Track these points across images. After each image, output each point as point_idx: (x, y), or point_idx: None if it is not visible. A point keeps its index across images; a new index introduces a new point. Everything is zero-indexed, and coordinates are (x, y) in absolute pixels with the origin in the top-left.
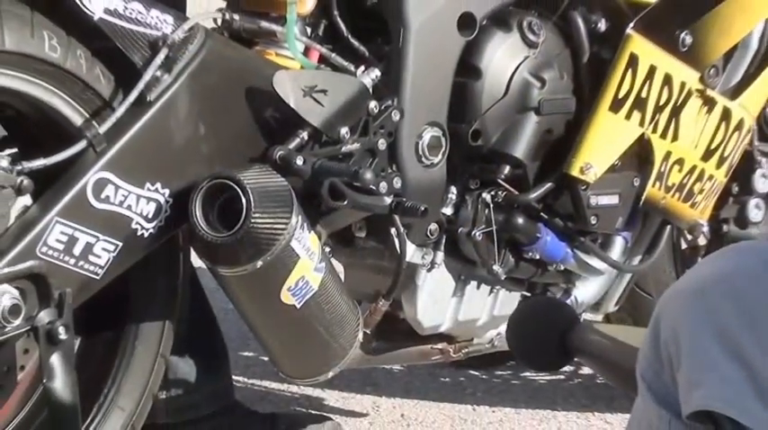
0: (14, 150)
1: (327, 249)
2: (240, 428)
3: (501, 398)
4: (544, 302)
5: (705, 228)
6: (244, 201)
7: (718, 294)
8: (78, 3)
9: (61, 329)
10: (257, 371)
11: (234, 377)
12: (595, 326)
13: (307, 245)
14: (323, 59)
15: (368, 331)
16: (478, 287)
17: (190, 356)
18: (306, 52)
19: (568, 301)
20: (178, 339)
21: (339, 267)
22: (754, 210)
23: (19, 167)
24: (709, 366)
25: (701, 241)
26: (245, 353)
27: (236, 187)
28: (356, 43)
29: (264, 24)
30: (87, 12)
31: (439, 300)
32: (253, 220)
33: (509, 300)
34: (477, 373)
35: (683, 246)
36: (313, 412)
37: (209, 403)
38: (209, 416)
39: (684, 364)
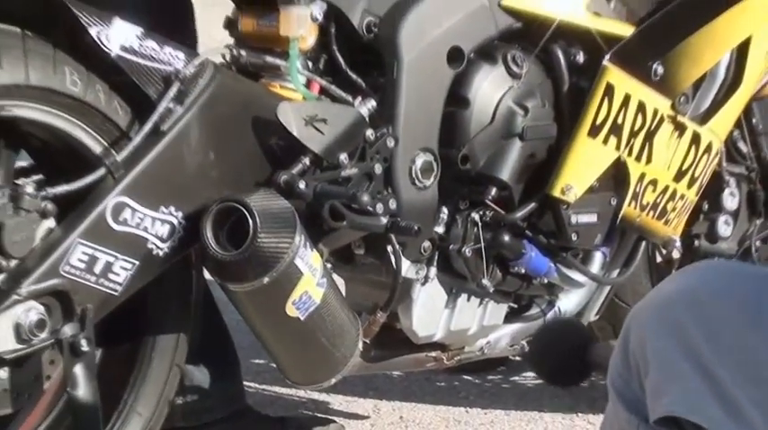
0: (40, 177)
1: (329, 265)
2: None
3: (492, 400)
4: (562, 324)
5: (678, 244)
6: (251, 222)
7: (682, 309)
8: (97, 41)
9: (83, 342)
10: (267, 378)
11: (245, 383)
12: (610, 343)
13: (309, 262)
14: (323, 91)
15: (367, 341)
16: (469, 299)
17: (204, 364)
18: (307, 84)
19: (552, 312)
20: (192, 349)
21: (340, 282)
22: (723, 226)
23: (43, 193)
24: (673, 376)
25: (675, 255)
26: (256, 361)
27: (243, 210)
28: (353, 76)
29: (269, 59)
30: (105, 49)
31: (432, 311)
32: (259, 240)
33: (497, 311)
34: (470, 378)
35: (659, 259)
36: (319, 415)
37: (223, 407)
38: (222, 419)
39: (651, 373)
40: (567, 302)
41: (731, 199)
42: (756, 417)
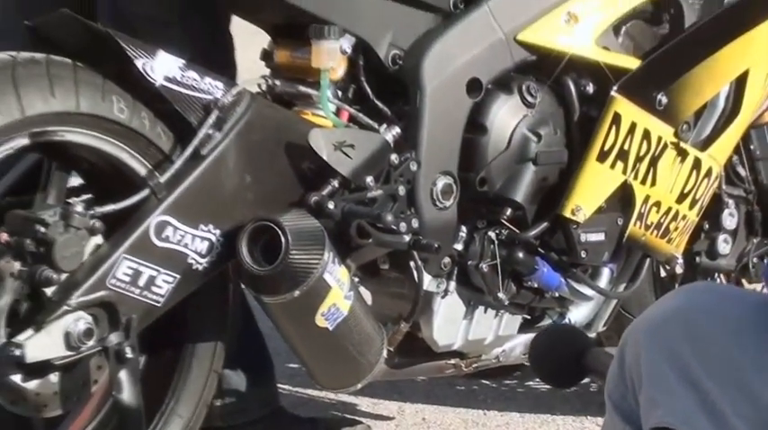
0: (89, 196)
1: (356, 279)
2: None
3: (507, 404)
4: (561, 329)
5: (680, 261)
6: (283, 240)
7: (674, 327)
8: (142, 72)
9: (128, 349)
10: (300, 381)
11: (279, 385)
12: (606, 350)
13: (337, 276)
14: (351, 118)
15: (392, 349)
16: (485, 311)
17: (241, 369)
18: (337, 112)
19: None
20: (230, 355)
21: (367, 294)
22: (723, 244)
23: (92, 212)
24: (666, 389)
25: (678, 271)
26: (290, 365)
27: (276, 228)
28: (380, 104)
29: (302, 89)
30: (150, 79)
31: (452, 322)
32: (290, 257)
33: (512, 322)
34: (487, 382)
35: (662, 275)
36: (347, 416)
37: (258, 409)
38: (257, 420)
39: (645, 387)
40: (577, 314)
41: (730, 219)
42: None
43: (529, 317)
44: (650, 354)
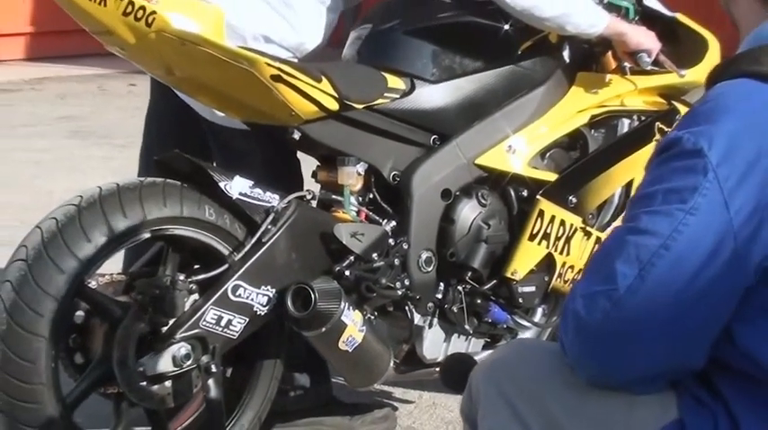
0: (190, 269)
1: (372, 317)
2: (334, 412)
3: None
4: (456, 357)
5: None
6: (313, 296)
7: (501, 370)
8: (223, 190)
9: (213, 366)
10: None
11: (334, 380)
12: None
13: (352, 318)
14: (366, 216)
15: (398, 361)
16: (458, 337)
17: (305, 371)
18: (357, 212)
19: None
20: (298, 362)
21: (384, 326)
22: None
23: (191, 279)
24: (492, 411)
25: None
26: None
27: (309, 289)
28: (385, 206)
29: (334, 197)
30: (229, 194)
31: (436, 344)
32: (318, 307)
33: (477, 344)
34: None
35: None
36: (378, 399)
37: (316, 397)
38: (314, 406)
39: (481, 410)
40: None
41: None
42: None
43: (489, 340)
44: (485, 388)
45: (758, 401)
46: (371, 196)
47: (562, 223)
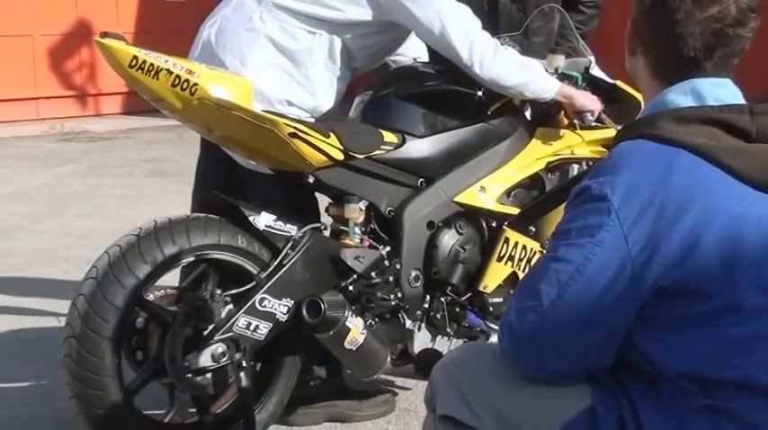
0: (226, 285)
1: (373, 323)
2: (345, 397)
3: None
4: (427, 352)
5: None
6: (322, 307)
7: (455, 367)
8: (252, 222)
9: (244, 362)
10: None
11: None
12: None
13: (355, 322)
14: (368, 243)
15: (394, 356)
16: (442, 338)
17: (323, 364)
18: (360, 240)
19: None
20: (315, 356)
21: (383, 328)
22: None
23: (226, 293)
24: (448, 400)
25: None
26: None
27: (320, 301)
28: (382, 235)
29: (342, 228)
30: (256, 226)
31: (423, 343)
32: (326, 315)
33: (456, 344)
34: None
35: None
36: (382, 387)
37: (331, 385)
38: (330, 393)
39: (439, 397)
40: (495, 339)
41: None
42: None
43: (467, 340)
44: (443, 381)
45: (652, 389)
46: (371, 227)
47: (524, 247)
